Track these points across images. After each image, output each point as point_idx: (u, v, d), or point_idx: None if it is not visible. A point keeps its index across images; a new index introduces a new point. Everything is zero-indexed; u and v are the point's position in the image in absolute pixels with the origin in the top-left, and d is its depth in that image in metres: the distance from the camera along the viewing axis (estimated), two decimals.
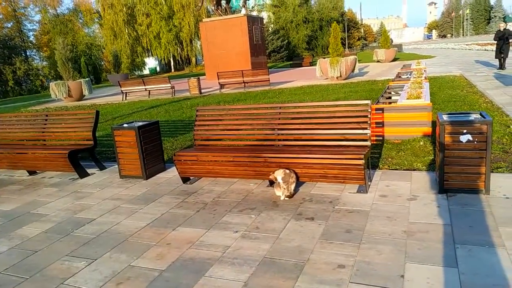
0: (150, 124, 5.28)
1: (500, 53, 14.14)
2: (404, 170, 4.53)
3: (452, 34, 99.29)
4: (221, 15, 26.20)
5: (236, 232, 3.35)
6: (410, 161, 4.78)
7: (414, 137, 5.46)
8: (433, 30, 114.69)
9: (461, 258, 2.60)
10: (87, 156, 5.99)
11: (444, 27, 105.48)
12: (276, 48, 45.13)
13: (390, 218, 3.30)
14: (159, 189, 4.72)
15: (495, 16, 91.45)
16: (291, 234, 3.20)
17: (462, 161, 3.56)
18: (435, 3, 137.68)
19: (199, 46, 49.63)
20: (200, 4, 32.09)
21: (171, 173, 5.30)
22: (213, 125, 4.99)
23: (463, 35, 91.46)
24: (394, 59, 26.32)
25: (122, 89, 17.77)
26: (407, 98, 5.63)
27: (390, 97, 7.40)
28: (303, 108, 4.66)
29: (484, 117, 3.55)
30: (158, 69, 55.13)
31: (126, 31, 46.11)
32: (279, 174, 3.96)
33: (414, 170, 4.49)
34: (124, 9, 44.20)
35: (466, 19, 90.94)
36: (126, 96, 17.94)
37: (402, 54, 33.50)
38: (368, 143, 4.08)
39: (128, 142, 5.12)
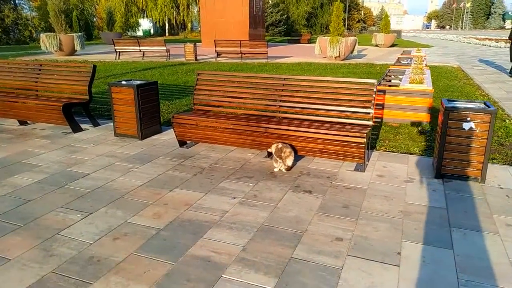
0: (149, 84, 5.15)
1: None
2: (400, 153, 4.56)
3: (451, 26, 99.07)
4: None
5: (234, 198, 3.34)
6: (407, 145, 4.82)
7: (413, 121, 5.48)
8: (433, 20, 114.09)
9: (456, 241, 2.66)
10: (80, 111, 5.85)
11: (444, 18, 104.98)
12: (274, 22, 44.24)
13: (387, 198, 3.34)
14: (155, 150, 4.66)
15: (495, 12, 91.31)
16: (288, 205, 3.22)
17: (461, 148, 3.59)
18: None
19: (196, 12, 48.30)
20: None
21: (167, 136, 5.23)
22: (214, 91, 4.90)
23: (461, 28, 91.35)
24: (393, 45, 26.18)
25: (116, 47, 17.24)
26: (410, 83, 5.62)
27: (390, 80, 7.37)
28: (308, 82, 4.59)
29: (488, 107, 3.57)
30: (152, 31, 53.59)
31: None
32: (272, 148, 3.97)
33: (410, 154, 4.53)
34: None
35: (467, 12, 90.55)
36: (119, 55, 17.44)
37: (401, 40, 33.33)
38: (370, 122, 4.08)
39: (126, 100, 5.00)
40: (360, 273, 2.32)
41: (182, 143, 4.79)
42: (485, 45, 26.51)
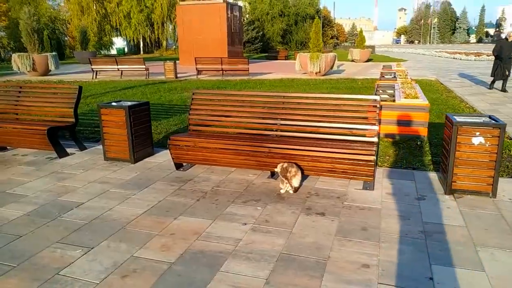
0: (141, 105, 4.94)
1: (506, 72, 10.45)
2: (403, 168, 4.50)
3: (420, 41, 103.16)
4: None
5: (245, 224, 3.15)
6: (408, 160, 4.77)
7: (410, 136, 5.46)
8: (402, 35, 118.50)
9: (486, 262, 2.56)
10: (62, 134, 5.53)
11: (412, 33, 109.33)
12: (250, 39, 44.65)
13: (404, 217, 3.23)
14: (151, 174, 4.41)
15: (460, 27, 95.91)
16: (304, 229, 3.05)
17: (472, 163, 3.55)
18: (405, 9, 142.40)
19: (170, 30, 48.26)
20: None
21: (161, 158, 4.99)
22: (210, 110, 4.72)
23: (429, 42, 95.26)
24: (368, 60, 26.81)
25: (92, 67, 16.82)
26: (405, 98, 5.63)
27: (379, 96, 7.39)
28: (308, 99, 4.49)
29: (496, 121, 3.55)
30: (126, 50, 53.02)
31: (94, 7, 43.98)
32: (278, 168, 3.82)
33: (414, 169, 4.47)
34: None
35: (434, 27, 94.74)
36: (96, 74, 17.02)
37: (375, 55, 34.23)
38: (375, 139, 3.99)
39: (116, 122, 4.75)
40: None
41: (178, 166, 4.57)
42: (455, 58, 27.60)
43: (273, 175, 4.26)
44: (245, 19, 48.15)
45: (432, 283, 2.35)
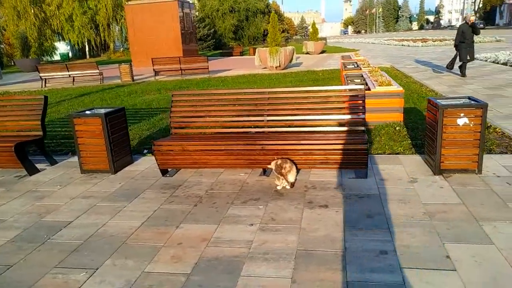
0: (117, 111, 4.69)
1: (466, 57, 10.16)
2: (388, 154, 4.62)
3: (366, 30, 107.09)
4: None
5: (252, 225, 3.08)
6: (390, 145, 4.90)
7: (386, 123, 5.62)
8: (349, 26, 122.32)
9: (492, 235, 2.68)
10: (27, 150, 5.14)
11: (359, 23, 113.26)
12: (202, 37, 44.09)
13: (403, 201, 3.31)
14: (136, 183, 4.20)
15: (402, 16, 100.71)
16: (312, 224, 3.04)
17: (458, 143, 3.71)
18: (350, 1, 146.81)
19: (117, 31, 46.41)
20: None
21: (141, 166, 4.78)
22: (193, 111, 4.58)
23: (375, 31, 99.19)
24: (322, 52, 27.37)
25: (41, 74, 15.81)
26: (379, 85, 5.78)
27: (362, 85, 7.55)
28: (293, 93, 4.48)
29: (476, 101, 3.73)
30: (70, 55, 50.29)
31: (32, 11, 41.32)
32: (272, 165, 3.78)
33: (397, 154, 4.60)
34: None
35: (378, 17, 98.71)
36: (45, 82, 16.02)
37: (328, 47, 34.94)
38: (363, 128, 4.06)
39: (93, 131, 4.47)
40: (426, 285, 2.21)
41: (163, 172, 4.39)
42: (404, 45, 28.84)
43: (265, 172, 4.21)
44: (195, 16, 47.43)
45: (451, 261, 2.42)
